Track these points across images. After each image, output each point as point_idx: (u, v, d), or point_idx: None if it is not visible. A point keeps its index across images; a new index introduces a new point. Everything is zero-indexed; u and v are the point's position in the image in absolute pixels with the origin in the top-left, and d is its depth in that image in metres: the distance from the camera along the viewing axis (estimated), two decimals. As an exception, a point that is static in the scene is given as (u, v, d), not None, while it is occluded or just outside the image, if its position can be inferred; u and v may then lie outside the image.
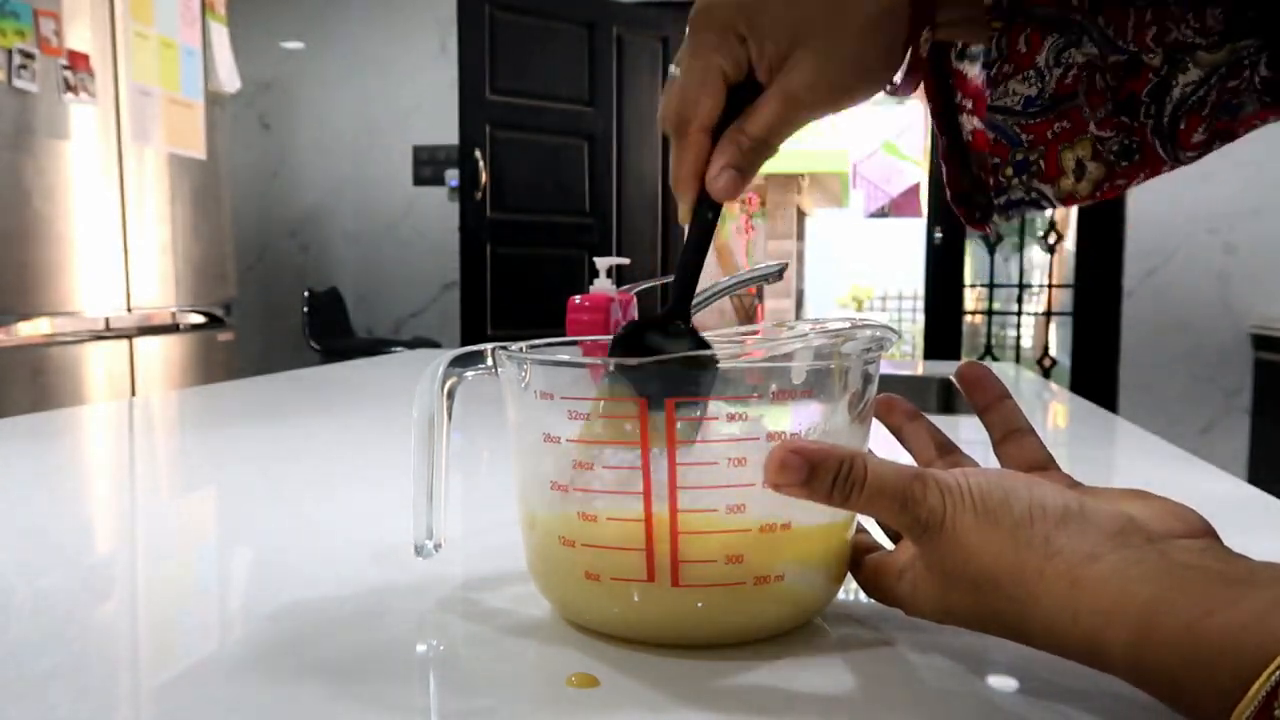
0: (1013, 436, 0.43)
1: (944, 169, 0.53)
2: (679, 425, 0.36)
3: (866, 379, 0.39)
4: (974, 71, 0.49)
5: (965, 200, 0.53)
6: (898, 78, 0.44)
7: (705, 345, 0.40)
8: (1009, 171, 0.51)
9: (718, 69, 0.40)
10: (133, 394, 2.39)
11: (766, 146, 0.42)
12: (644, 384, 0.36)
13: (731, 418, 0.36)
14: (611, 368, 0.37)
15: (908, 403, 0.47)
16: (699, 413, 0.36)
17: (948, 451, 0.45)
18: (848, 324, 0.39)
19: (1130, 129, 0.48)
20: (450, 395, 0.42)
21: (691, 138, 0.41)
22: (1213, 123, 0.47)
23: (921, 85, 0.47)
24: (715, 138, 0.42)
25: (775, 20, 0.40)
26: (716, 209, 0.42)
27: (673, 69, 0.42)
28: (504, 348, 0.40)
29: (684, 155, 0.41)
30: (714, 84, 0.41)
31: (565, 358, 0.41)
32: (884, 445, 0.41)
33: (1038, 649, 0.33)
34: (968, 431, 0.99)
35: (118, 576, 0.51)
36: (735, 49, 0.40)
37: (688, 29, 0.41)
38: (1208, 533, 0.34)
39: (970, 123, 0.49)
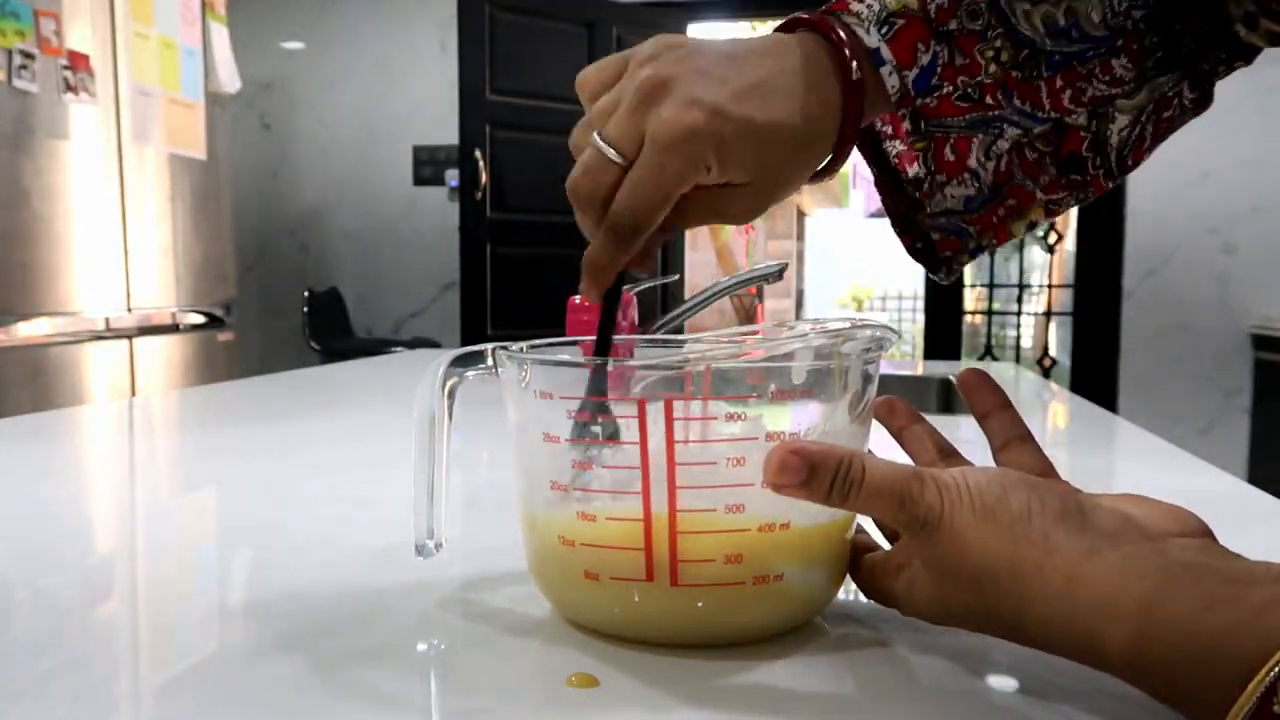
0: (1013, 443, 0.43)
1: (880, 198, 0.54)
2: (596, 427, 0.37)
3: (866, 379, 0.39)
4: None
5: (905, 225, 0.55)
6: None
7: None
8: (964, 258, 0.55)
9: (678, 195, 0.41)
10: (133, 394, 2.39)
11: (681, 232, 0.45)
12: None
13: (731, 417, 0.36)
14: (610, 367, 0.38)
15: (909, 405, 0.47)
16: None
17: (948, 455, 0.45)
18: (848, 324, 0.39)
19: (1083, 184, 0.51)
20: (451, 395, 0.42)
21: (637, 244, 0.42)
22: (1154, 147, 0.50)
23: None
24: None
25: (742, 162, 0.41)
26: (621, 291, 0.44)
27: (601, 143, 0.41)
28: (504, 348, 0.40)
29: (621, 255, 0.42)
30: (670, 206, 0.42)
31: (565, 358, 0.41)
32: (883, 446, 0.41)
33: (1035, 648, 0.33)
34: (968, 432, 0.99)
35: (118, 576, 0.51)
36: (699, 177, 0.41)
37: (660, 139, 0.40)
38: (1205, 534, 0.34)
39: (894, 147, 0.51)
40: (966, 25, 0.44)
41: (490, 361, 0.41)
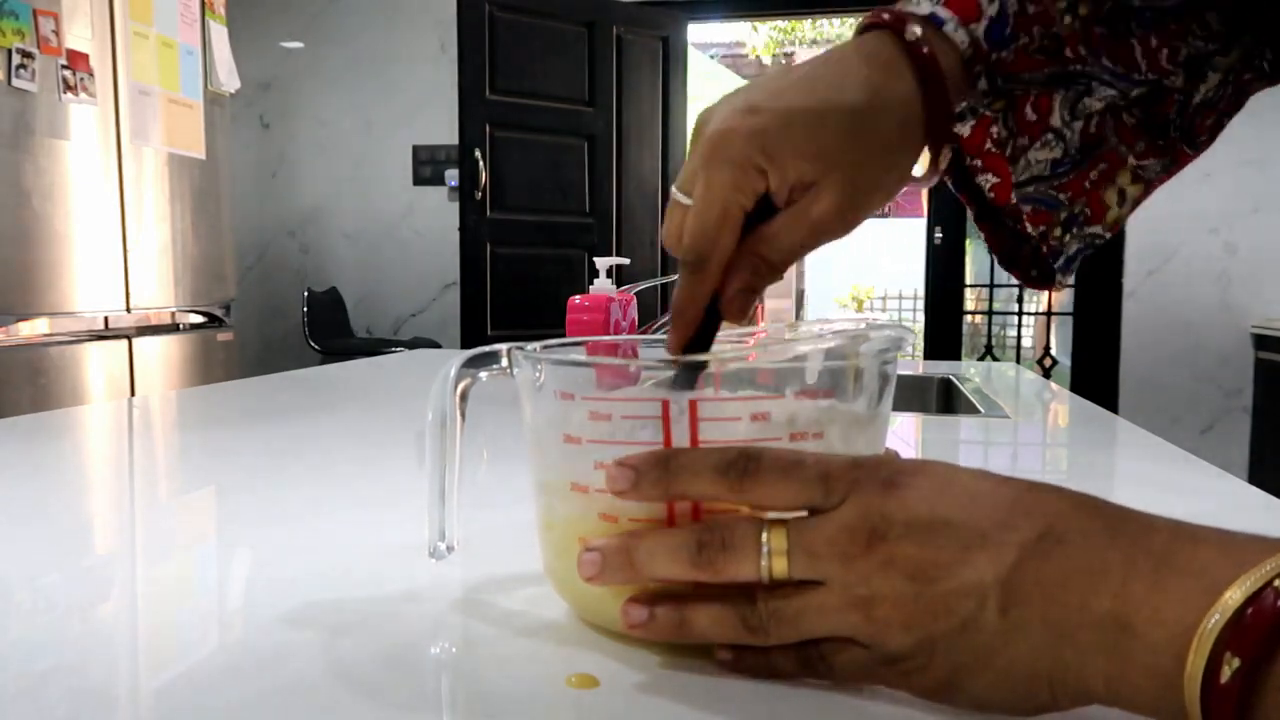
0: None
1: (983, 235, 0.53)
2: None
3: (884, 379, 0.39)
4: (966, 130, 0.48)
5: (1012, 260, 0.52)
6: (917, 170, 0.44)
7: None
8: (1058, 232, 0.50)
9: (738, 207, 0.40)
10: (132, 394, 2.38)
11: (783, 269, 0.42)
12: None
13: (755, 418, 0.35)
14: (633, 368, 0.37)
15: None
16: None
17: None
18: (861, 324, 0.38)
19: (1167, 149, 0.48)
20: (464, 397, 0.41)
21: (710, 272, 0.40)
22: (1230, 113, 0.48)
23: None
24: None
25: (796, 150, 0.39)
26: (717, 324, 0.42)
27: (676, 193, 0.41)
28: (520, 348, 0.40)
29: (699, 288, 0.41)
30: (734, 222, 0.40)
31: (584, 358, 0.40)
32: (894, 442, 0.41)
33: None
34: (968, 431, 0.99)
35: (118, 576, 0.50)
36: (754, 182, 0.39)
37: (701, 153, 0.40)
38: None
39: (987, 180, 0.48)
40: None
41: (505, 362, 0.41)
